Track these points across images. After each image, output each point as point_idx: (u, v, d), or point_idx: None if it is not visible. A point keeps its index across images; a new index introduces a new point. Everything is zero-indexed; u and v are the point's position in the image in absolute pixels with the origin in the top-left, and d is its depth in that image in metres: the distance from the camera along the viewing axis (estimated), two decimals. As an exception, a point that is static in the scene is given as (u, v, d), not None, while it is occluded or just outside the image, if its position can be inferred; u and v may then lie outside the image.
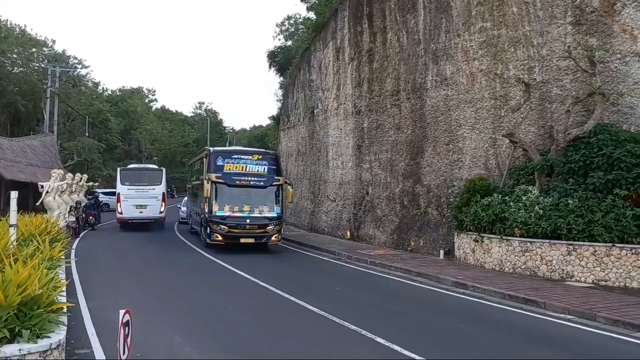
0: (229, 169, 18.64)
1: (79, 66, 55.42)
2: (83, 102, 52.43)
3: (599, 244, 12.55)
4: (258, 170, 18.94)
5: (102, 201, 34.02)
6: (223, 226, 18.18)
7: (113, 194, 42.07)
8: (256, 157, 19.37)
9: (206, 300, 10.84)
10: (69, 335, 6.94)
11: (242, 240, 18.31)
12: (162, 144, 73.91)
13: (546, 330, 8.88)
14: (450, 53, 18.97)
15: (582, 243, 12.82)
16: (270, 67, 45.33)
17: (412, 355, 7.08)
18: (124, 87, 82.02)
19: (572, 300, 10.40)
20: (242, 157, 19.14)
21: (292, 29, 48.06)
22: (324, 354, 7.28)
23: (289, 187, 20.08)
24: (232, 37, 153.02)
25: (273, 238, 18.79)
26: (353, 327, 8.56)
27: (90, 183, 34.00)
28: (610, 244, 12.36)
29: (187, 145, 75.89)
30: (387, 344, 7.62)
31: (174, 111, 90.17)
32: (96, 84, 66.24)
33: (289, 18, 49.14)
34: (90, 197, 30.55)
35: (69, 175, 26.27)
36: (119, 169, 29.03)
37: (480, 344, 8.01)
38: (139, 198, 25.95)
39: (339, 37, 26.51)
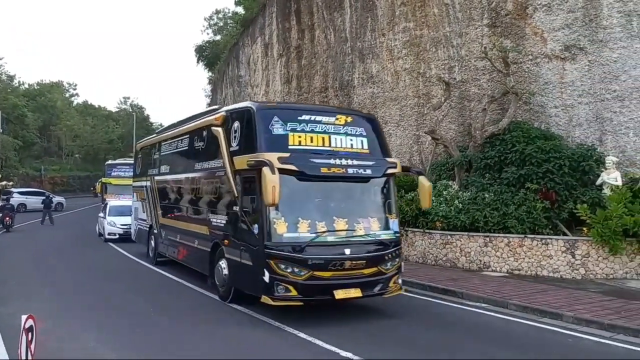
0: (299, 143, 9.26)
1: (-9, 58, 51.92)
2: (-4, 96, 49.23)
3: (512, 235, 13.27)
4: (353, 144, 9.74)
5: (14, 204, 32.22)
6: (300, 267, 8.57)
7: (30, 193, 40.35)
8: (343, 119, 9.83)
9: (133, 305, 10.48)
10: (-28, 344, 6.52)
11: (340, 295, 8.72)
12: (85, 140, 70.70)
13: (462, 318, 9.30)
14: (375, 52, 19.39)
15: (497, 235, 13.51)
16: (198, 62, 44.79)
17: (334, 349, 7.21)
18: (42, 80, 77.87)
19: (487, 290, 10.94)
20: (319, 119, 9.61)
21: (221, 24, 47.45)
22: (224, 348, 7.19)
23: (421, 178, 10.40)
24: (158, 30, 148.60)
25: (391, 284, 9.37)
26: (277, 323, 8.60)
27: (4, 182, 32.08)
28: (522, 235, 13.11)
29: (111, 141, 73.04)
30: (310, 338, 7.71)
31: (97, 106, 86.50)
32: (11, 77, 62.57)
33: (217, 12, 48.59)
34: (4, 197, 28.93)
35: (-21, 174, 24.64)
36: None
37: (399, 334, 8.29)
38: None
39: (267, 33, 26.44)
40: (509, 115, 14.84)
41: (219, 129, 10.29)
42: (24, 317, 4.52)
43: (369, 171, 9.49)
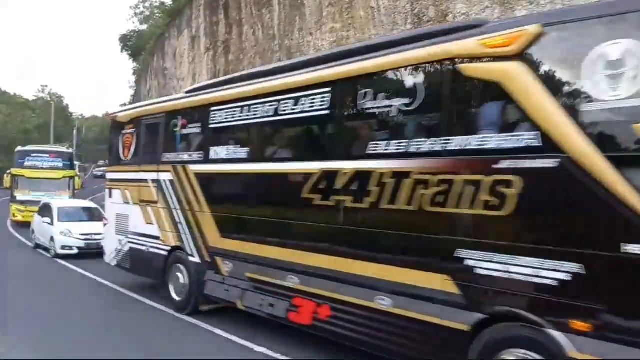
0: None
1: None
2: None
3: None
4: None
5: None
6: None
7: None
8: None
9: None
10: None
11: None
12: (-3, 130, 66.36)
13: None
14: (303, 50, 19.44)
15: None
16: (122, 51, 43.20)
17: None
18: (-52, 64, 72.06)
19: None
20: None
21: (148, 13, 45.99)
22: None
23: None
24: (81, 16, 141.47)
25: None
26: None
27: None
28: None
29: (27, 131, 68.85)
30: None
31: (13, 94, 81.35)
32: None
33: (144, 1, 46.96)
34: None
35: None
36: None
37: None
38: None
39: (194, 26, 25.92)
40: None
41: (516, 67, 4.73)
42: None
43: None
